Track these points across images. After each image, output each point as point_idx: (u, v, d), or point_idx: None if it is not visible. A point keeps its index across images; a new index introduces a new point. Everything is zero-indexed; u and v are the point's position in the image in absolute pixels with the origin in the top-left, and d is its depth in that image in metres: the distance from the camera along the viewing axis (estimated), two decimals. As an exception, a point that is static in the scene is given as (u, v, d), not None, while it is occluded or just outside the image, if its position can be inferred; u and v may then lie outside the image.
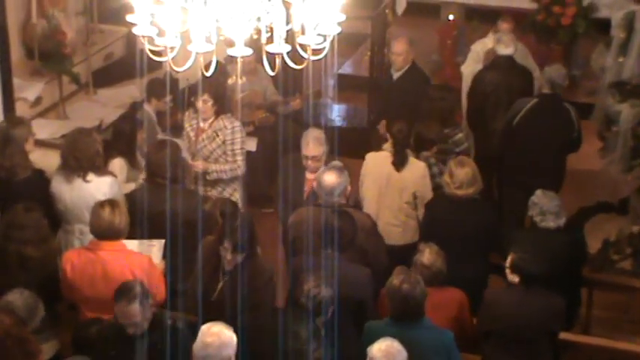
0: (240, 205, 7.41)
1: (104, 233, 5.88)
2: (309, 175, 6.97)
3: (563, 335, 6.09)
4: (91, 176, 6.61)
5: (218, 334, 4.80)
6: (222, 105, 7.48)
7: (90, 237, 6.53)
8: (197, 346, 4.81)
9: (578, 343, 6.29)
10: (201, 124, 7.51)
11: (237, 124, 7.48)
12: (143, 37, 4.37)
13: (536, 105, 7.78)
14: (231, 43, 4.31)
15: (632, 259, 7.89)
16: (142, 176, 7.31)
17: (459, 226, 6.56)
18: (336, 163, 6.91)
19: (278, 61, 4.46)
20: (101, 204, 5.96)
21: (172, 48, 4.33)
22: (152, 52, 4.44)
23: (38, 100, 8.53)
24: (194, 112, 7.62)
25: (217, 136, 7.43)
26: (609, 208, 8.81)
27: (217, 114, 7.43)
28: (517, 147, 7.81)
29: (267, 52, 4.40)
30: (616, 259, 8.10)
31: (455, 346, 5.26)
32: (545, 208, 6.36)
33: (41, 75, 8.57)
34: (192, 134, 7.55)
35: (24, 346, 4.89)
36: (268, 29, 4.40)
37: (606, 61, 9.37)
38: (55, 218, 6.70)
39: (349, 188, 6.55)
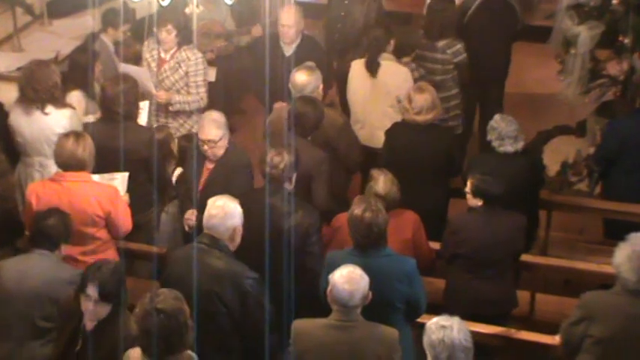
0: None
1: (68, 164, 5.85)
2: (208, 164, 6.32)
3: (523, 257, 6.21)
4: (49, 108, 6.56)
5: (222, 207, 5.19)
6: (185, 36, 7.43)
7: (50, 170, 6.60)
8: (204, 218, 5.23)
9: (537, 264, 6.42)
10: (163, 55, 7.47)
11: (200, 55, 7.46)
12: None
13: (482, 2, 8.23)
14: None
15: (587, 180, 8.05)
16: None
17: (419, 152, 6.64)
18: (309, 63, 7.09)
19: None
20: (66, 135, 5.92)
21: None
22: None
23: (-9, 33, 8.43)
24: (154, 42, 7.55)
25: (180, 67, 7.39)
26: (567, 131, 8.92)
27: (179, 45, 7.38)
28: (470, 43, 8.03)
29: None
30: (574, 180, 8.27)
31: (417, 273, 5.31)
32: (504, 132, 6.43)
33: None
34: (153, 65, 7.49)
35: None
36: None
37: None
38: (14, 151, 6.66)
39: (321, 87, 6.90)
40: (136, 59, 8.45)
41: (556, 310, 6.41)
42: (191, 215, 6.26)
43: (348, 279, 4.75)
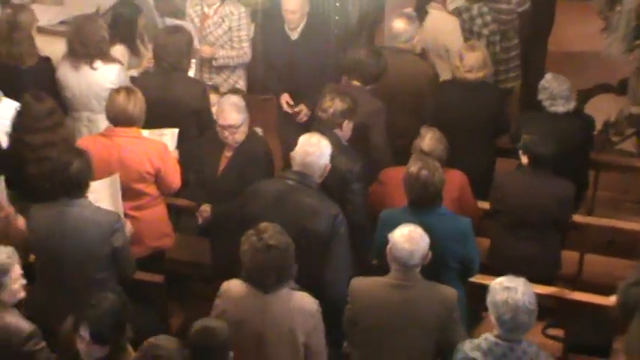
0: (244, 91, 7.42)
1: (119, 119, 5.83)
2: (226, 152, 6.00)
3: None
4: (97, 63, 6.55)
5: (318, 144, 5.32)
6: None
7: (98, 124, 6.61)
8: (297, 153, 5.30)
9: (583, 224, 6.38)
10: (206, 10, 7.42)
11: (243, 10, 7.41)
12: None
13: None
14: None
15: (632, 139, 7.98)
16: (145, 62, 7.25)
17: (469, 110, 6.59)
18: (409, 10, 7.13)
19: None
20: (117, 90, 5.90)
21: None
22: None
23: (33, -14, 8.34)
24: (197, -4, 7.51)
25: (223, 22, 7.34)
26: (608, 89, 8.83)
27: (223, 0, 7.32)
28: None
29: None
30: (615, 140, 8.20)
31: (471, 233, 5.30)
32: (556, 92, 6.37)
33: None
34: (196, 20, 7.44)
35: None
36: None
37: None
38: (62, 106, 6.64)
39: (416, 38, 6.96)
40: (175, 13, 8.40)
41: (604, 270, 6.38)
42: (206, 207, 6.01)
43: (408, 238, 4.74)
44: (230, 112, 5.82)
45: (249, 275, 4.68)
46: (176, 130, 6.24)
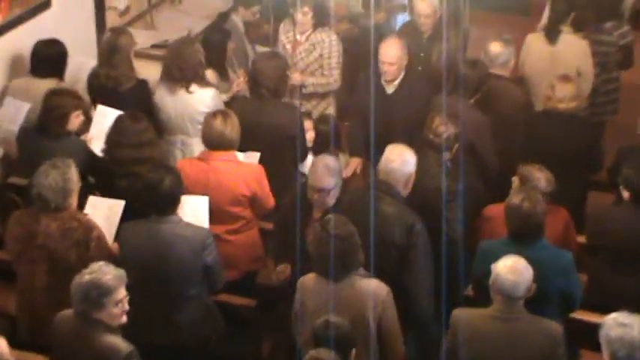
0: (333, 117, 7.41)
1: (215, 143, 5.88)
2: (315, 213, 5.63)
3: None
4: (194, 87, 6.60)
5: (400, 153, 5.43)
6: (321, 17, 7.41)
7: (192, 148, 6.67)
8: (382, 163, 5.44)
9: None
10: (298, 37, 7.46)
11: (335, 37, 7.44)
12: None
13: None
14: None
15: None
16: (235, 87, 7.30)
17: (559, 143, 6.49)
18: (506, 36, 7.15)
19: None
20: (213, 114, 5.96)
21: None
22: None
23: (126, 10, 8.48)
24: (290, 23, 7.55)
25: (314, 49, 7.37)
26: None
27: (315, 27, 7.37)
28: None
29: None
30: None
31: (573, 267, 5.23)
32: (656, 125, 6.27)
33: (127, -16, 8.50)
34: (288, 46, 7.49)
35: None
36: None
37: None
38: (158, 128, 6.70)
39: (512, 62, 7.10)
40: (264, 40, 8.48)
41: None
42: (285, 269, 5.74)
43: (512, 269, 4.68)
44: (323, 175, 5.53)
45: (316, 265, 4.88)
46: (257, 154, 6.25)
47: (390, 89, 6.94)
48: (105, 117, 6.36)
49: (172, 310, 5.38)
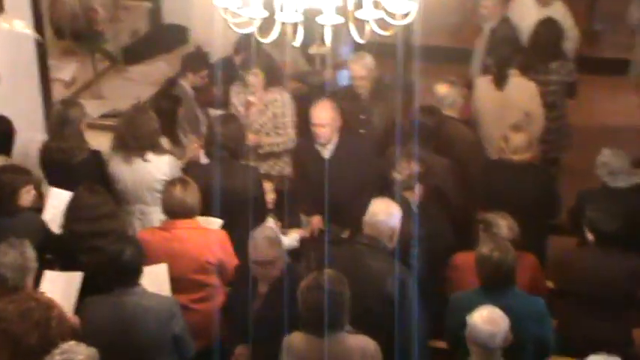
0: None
1: (177, 211, 5.80)
2: (261, 287, 5.49)
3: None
4: (150, 155, 6.51)
5: (386, 206, 5.50)
6: (271, 77, 7.40)
7: (151, 217, 6.56)
8: (367, 216, 5.47)
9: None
10: (250, 98, 7.42)
11: (287, 95, 7.43)
12: (224, 9, 4.29)
13: None
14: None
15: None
16: (189, 153, 7.23)
17: (517, 192, 6.49)
18: (452, 78, 7.22)
19: (367, 28, 4.37)
20: (172, 182, 5.89)
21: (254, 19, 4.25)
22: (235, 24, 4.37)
23: (72, 81, 8.40)
24: (240, 85, 7.53)
25: (267, 109, 7.35)
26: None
27: (266, 87, 7.34)
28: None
29: (356, 19, 4.32)
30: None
31: (547, 313, 5.21)
32: (616, 167, 6.31)
33: (73, 54, 8.43)
34: (241, 108, 7.45)
35: None
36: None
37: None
38: (115, 199, 6.59)
39: (459, 102, 7.15)
40: (215, 104, 8.43)
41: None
42: (242, 350, 5.56)
43: (488, 320, 4.65)
44: (265, 248, 5.39)
45: (303, 317, 4.81)
46: (220, 222, 6.16)
47: (325, 153, 6.81)
48: (59, 199, 6.26)
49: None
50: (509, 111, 7.44)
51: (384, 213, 5.49)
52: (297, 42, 4.42)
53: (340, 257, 5.44)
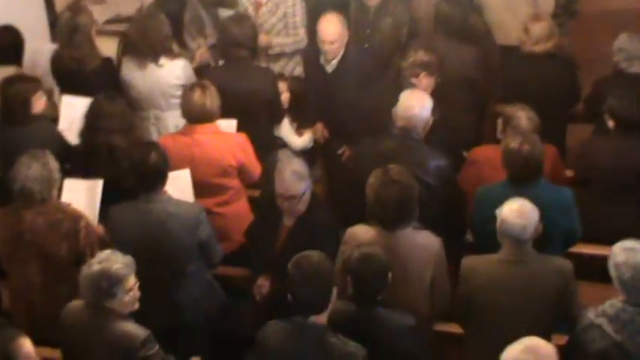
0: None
1: (197, 116, 5.76)
2: (286, 221, 5.35)
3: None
4: (163, 60, 6.45)
5: (419, 100, 5.51)
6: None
7: (166, 122, 6.54)
8: (400, 110, 5.47)
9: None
10: (260, -3, 7.30)
11: (298, -6, 7.28)
12: None
13: None
14: None
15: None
16: (198, 57, 7.16)
17: (541, 84, 6.45)
18: None
19: None
20: (191, 87, 5.83)
21: None
22: None
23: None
24: (249, -15, 7.40)
25: (278, 8, 7.22)
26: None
27: (275, -15, 7.22)
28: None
29: None
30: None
31: (574, 203, 5.24)
32: (633, 52, 6.28)
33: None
34: (250, 8, 7.31)
35: None
36: None
37: None
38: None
39: None
40: (219, 3, 8.28)
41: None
42: (264, 282, 5.42)
43: (519, 212, 4.65)
44: (292, 182, 5.18)
45: (373, 211, 4.83)
46: (234, 122, 6.13)
47: (329, 68, 6.64)
48: (72, 107, 6.20)
49: (171, 290, 5.28)
50: None
51: (419, 106, 5.49)
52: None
53: (379, 151, 5.41)
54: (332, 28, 6.48)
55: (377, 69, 6.75)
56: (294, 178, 5.18)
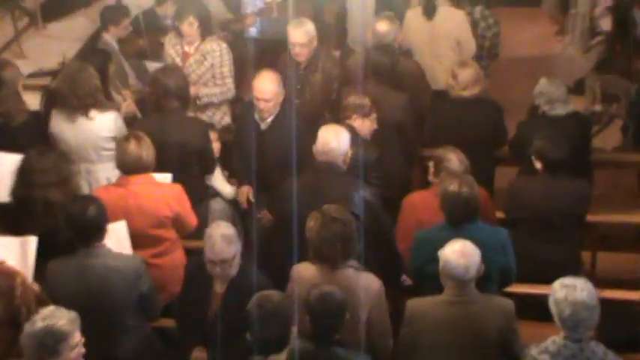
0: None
1: (132, 167, 5.72)
2: (217, 287, 5.21)
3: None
4: (93, 113, 6.39)
5: (336, 135, 5.66)
6: (207, 26, 7.31)
7: (97, 176, 6.47)
8: (319, 145, 5.65)
9: (593, 222, 6.46)
10: (186, 49, 7.33)
11: (225, 45, 7.36)
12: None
13: None
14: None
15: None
16: (124, 109, 7.12)
17: (467, 126, 6.63)
18: (389, 13, 7.32)
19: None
20: (126, 138, 5.79)
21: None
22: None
23: (-7, 41, 8.16)
24: (176, 36, 7.41)
25: (205, 59, 7.26)
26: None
27: (202, 36, 7.26)
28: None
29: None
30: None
31: (510, 242, 5.37)
32: (554, 96, 6.49)
33: (-12, 13, 8.16)
34: (177, 59, 7.34)
35: None
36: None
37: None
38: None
39: (400, 37, 7.34)
40: (140, 55, 8.30)
41: (615, 265, 6.51)
42: (201, 353, 5.25)
43: (461, 253, 4.74)
44: (223, 246, 5.05)
45: (316, 251, 4.95)
46: (169, 176, 6.08)
47: (263, 125, 6.49)
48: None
49: (112, 344, 5.20)
50: (441, 40, 7.67)
51: (336, 140, 5.64)
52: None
53: (303, 186, 5.55)
54: (268, 86, 6.37)
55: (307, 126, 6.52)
56: (225, 242, 5.07)
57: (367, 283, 4.93)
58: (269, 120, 6.45)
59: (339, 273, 4.92)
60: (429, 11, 7.74)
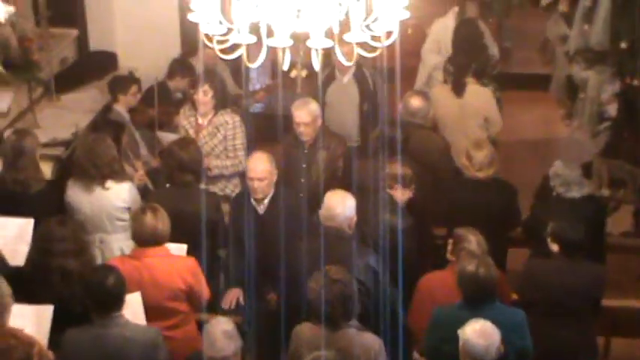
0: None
1: (148, 239, 5.71)
2: None
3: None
4: (109, 183, 6.42)
5: (342, 200, 5.79)
6: (221, 97, 7.38)
7: (111, 246, 6.47)
8: (324, 210, 5.80)
9: (610, 307, 6.43)
10: (200, 121, 7.38)
11: (238, 118, 7.40)
12: (208, 35, 4.31)
13: None
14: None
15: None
16: (137, 180, 7.13)
17: (481, 207, 6.61)
18: (423, 90, 7.49)
19: (356, 50, 4.43)
20: (142, 210, 5.79)
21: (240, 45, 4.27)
22: (221, 50, 4.39)
23: (8, 111, 8.17)
24: (190, 108, 7.47)
25: (218, 131, 7.31)
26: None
27: (216, 108, 7.31)
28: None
29: (343, 41, 4.39)
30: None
31: (526, 324, 5.34)
32: (570, 178, 6.52)
33: (6, 84, 8.18)
34: (190, 131, 7.38)
35: None
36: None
37: (560, 29, 9.69)
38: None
39: (431, 112, 7.53)
40: (150, 125, 8.34)
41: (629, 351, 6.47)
42: None
43: (481, 333, 4.74)
44: (224, 343, 4.96)
45: (317, 312, 4.99)
46: (185, 246, 6.10)
47: (260, 209, 6.45)
48: (4, 228, 6.09)
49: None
50: (470, 117, 7.86)
51: (341, 205, 5.77)
52: (285, 66, 4.48)
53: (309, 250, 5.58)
54: (261, 165, 6.33)
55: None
56: (225, 338, 4.97)
57: (368, 343, 5.00)
58: (266, 202, 6.43)
59: (340, 333, 5.00)
60: (459, 89, 7.93)
